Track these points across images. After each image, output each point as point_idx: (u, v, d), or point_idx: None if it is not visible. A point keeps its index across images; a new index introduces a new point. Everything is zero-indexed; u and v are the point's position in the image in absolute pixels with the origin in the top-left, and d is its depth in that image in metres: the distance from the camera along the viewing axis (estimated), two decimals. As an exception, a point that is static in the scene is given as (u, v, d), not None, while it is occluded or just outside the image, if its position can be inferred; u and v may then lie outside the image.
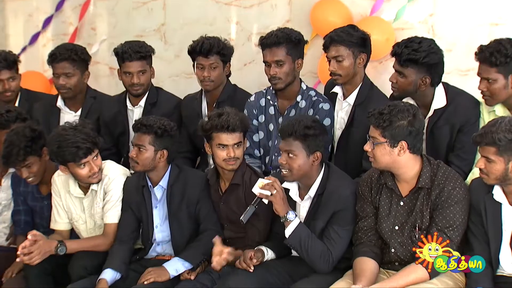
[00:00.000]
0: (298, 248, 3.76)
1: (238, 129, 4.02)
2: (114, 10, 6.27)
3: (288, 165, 3.78)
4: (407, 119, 3.55)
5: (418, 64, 4.02)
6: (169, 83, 5.77)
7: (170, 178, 4.22)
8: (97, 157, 4.19)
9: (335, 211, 3.78)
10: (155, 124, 4.11)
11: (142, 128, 4.12)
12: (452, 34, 4.80)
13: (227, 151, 4.01)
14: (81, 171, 4.15)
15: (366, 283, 3.51)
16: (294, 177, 3.82)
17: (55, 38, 6.54)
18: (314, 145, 3.76)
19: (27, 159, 4.30)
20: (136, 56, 4.83)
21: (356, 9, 5.11)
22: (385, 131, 3.55)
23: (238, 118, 4.03)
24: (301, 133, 3.74)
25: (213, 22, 5.73)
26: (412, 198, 3.65)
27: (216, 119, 4.00)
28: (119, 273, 4.09)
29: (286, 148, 3.79)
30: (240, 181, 4.10)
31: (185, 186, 4.20)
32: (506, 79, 3.88)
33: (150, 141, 4.10)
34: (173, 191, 4.21)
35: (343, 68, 4.31)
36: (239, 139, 4.04)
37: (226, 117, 3.99)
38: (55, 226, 4.43)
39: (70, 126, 4.17)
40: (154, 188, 4.23)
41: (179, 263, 4.07)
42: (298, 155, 3.76)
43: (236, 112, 4.08)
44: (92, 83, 5.37)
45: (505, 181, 3.45)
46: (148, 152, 4.11)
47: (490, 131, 3.39)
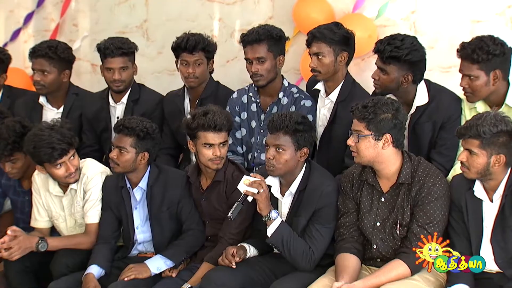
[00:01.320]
0: (280, 247, 3.75)
1: (225, 128, 4.00)
2: (96, 6, 6.24)
3: (275, 159, 3.76)
4: (391, 112, 3.56)
5: (401, 61, 4.03)
6: (151, 80, 5.74)
7: (150, 179, 4.19)
8: (74, 157, 4.15)
9: (317, 209, 3.78)
10: (137, 126, 4.06)
11: (124, 130, 4.07)
12: (434, 31, 4.82)
13: (213, 150, 3.98)
14: (57, 171, 4.12)
15: (349, 279, 3.51)
16: (280, 171, 3.80)
17: (36, 34, 6.50)
18: (303, 140, 3.76)
19: (13, 154, 4.29)
20: (118, 52, 4.81)
21: (338, 6, 5.12)
22: (370, 123, 3.55)
23: (224, 117, 3.99)
24: (292, 128, 3.74)
25: (195, 19, 5.71)
26: (393, 195, 3.66)
27: (203, 117, 3.96)
28: (103, 270, 4.08)
29: (275, 142, 3.77)
30: (222, 178, 4.09)
31: (165, 187, 4.18)
32: (487, 76, 3.90)
33: (132, 143, 4.06)
34: (153, 192, 4.18)
35: (323, 65, 4.31)
36: (224, 138, 4.02)
37: (213, 116, 3.95)
38: (35, 224, 4.39)
39: (47, 126, 4.13)
40: (134, 189, 4.20)
41: (161, 261, 4.07)
42: (287, 149, 3.75)
43: (222, 111, 4.05)
44: (74, 80, 5.33)
45: (486, 176, 3.47)
46: (129, 154, 4.07)
47: (476, 124, 3.40)
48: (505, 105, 3.95)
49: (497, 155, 3.41)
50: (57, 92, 5.13)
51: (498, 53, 3.86)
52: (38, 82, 5.03)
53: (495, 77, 3.90)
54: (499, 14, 4.65)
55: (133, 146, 4.07)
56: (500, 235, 3.49)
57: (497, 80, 3.90)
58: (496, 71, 3.89)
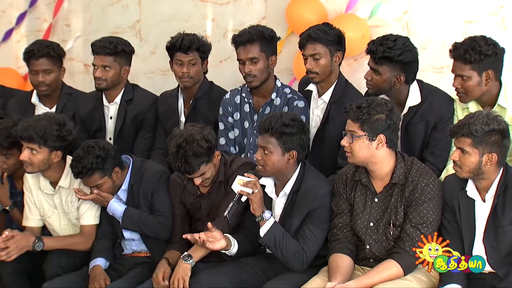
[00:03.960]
0: (273, 247, 3.75)
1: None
2: (89, 7, 6.23)
3: (263, 161, 3.77)
4: (385, 113, 3.57)
5: (393, 62, 4.03)
6: (144, 80, 5.74)
7: (131, 179, 4.24)
8: (36, 151, 4.13)
9: (311, 210, 3.78)
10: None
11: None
12: (427, 32, 4.83)
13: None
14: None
15: (341, 279, 3.52)
16: (268, 173, 3.82)
17: (29, 34, 6.49)
18: (290, 143, 3.75)
19: (11, 149, 4.31)
20: (103, 51, 4.80)
21: (331, 6, 5.13)
22: (364, 124, 3.56)
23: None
24: (278, 130, 3.74)
25: (188, 19, 5.71)
26: (387, 195, 3.67)
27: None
28: (108, 263, 4.16)
29: (263, 144, 3.78)
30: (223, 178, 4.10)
31: (141, 182, 4.23)
32: (480, 76, 3.91)
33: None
34: (133, 190, 4.24)
35: (320, 66, 4.31)
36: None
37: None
38: (26, 223, 4.40)
39: (49, 115, 4.26)
40: (118, 191, 4.23)
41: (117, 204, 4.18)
42: (273, 152, 3.75)
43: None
44: (66, 80, 5.33)
45: (478, 175, 3.48)
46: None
47: (468, 123, 3.41)
48: (498, 105, 3.96)
49: (489, 153, 3.42)
50: (53, 92, 5.13)
51: (490, 54, 3.87)
52: (43, 83, 5.01)
53: (487, 77, 3.91)
54: (492, 14, 4.66)
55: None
56: (493, 235, 3.50)
57: (490, 81, 3.91)
58: (488, 72, 3.90)
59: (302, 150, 3.84)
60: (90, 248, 4.27)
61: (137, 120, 4.91)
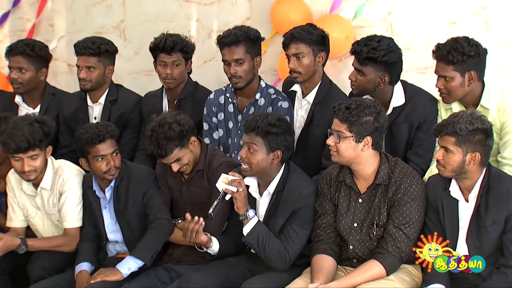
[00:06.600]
0: (256, 246, 3.76)
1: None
2: (72, 7, 6.19)
3: (248, 159, 3.77)
4: (374, 115, 3.58)
5: (377, 63, 4.04)
6: (128, 80, 5.71)
7: (116, 180, 4.21)
8: (36, 158, 4.12)
9: (295, 210, 3.79)
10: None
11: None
12: (410, 32, 4.84)
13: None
14: (14, 163, 4.14)
15: (324, 280, 3.52)
16: (253, 172, 3.81)
17: (12, 34, 6.44)
18: (275, 143, 3.75)
19: None
20: (87, 51, 4.79)
21: (316, 7, 5.13)
22: (353, 125, 3.57)
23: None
24: (264, 129, 3.74)
25: (173, 19, 5.70)
26: (371, 195, 3.68)
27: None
28: (94, 267, 4.13)
29: (248, 141, 3.78)
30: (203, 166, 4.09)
31: (129, 184, 4.20)
32: (463, 77, 3.92)
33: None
34: (119, 191, 4.20)
35: (303, 66, 4.32)
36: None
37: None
38: (10, 224, 4.37)
39: (31, 119, 4.18)
40: (106, 189, 4.21)
41: (132, 261, 4.04)
42: (258, 150, 3.75)
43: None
44: (50, 80, 5.29)
45: (461, 174, 3.49)
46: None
47: (452, 121, 3.44)
48: (480, 105, 3.98)
49: (473, 153, 3.44)
50: (34, 91, 5.09)
51: (473, 54, 3.89)
52: (16, 80, 4.98)
53: (470, 78, 3.92)
54: (475, 15, 4.68)
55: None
56: (476, 235, 3.52)
57: (472, 81, 3.93)
58: (471, 72, 3.91)
59: (287, 151, 3.84)
60: (75, 250, 4.25)
61: (121, 120, 4.88)
